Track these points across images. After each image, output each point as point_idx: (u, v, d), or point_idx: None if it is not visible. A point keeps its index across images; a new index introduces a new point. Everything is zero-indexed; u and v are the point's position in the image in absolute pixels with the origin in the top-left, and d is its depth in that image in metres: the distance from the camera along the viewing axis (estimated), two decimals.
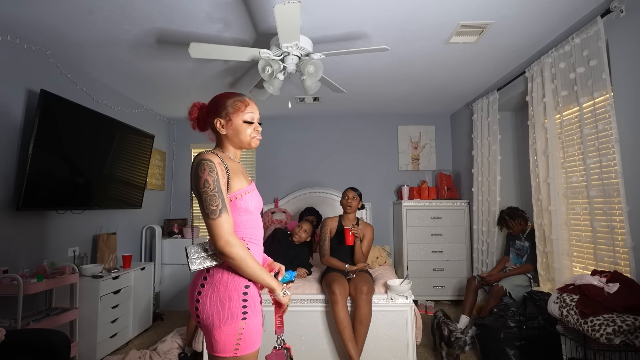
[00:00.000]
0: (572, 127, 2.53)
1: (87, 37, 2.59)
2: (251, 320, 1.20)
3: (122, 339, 3.07)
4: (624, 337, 1.72)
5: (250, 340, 1.20)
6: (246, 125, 1.31)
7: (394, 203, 4.75)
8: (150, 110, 4.41)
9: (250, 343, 1.20)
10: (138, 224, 4.14)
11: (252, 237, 1.31)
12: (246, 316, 1.19)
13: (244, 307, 1.19)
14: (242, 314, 1.18)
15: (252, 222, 1.30)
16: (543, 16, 2.39)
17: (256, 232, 1.33)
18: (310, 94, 2.76)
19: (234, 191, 1.25)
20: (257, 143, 1.36)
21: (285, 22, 2.03)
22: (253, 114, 1.32)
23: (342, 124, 4.91)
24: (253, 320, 1.21)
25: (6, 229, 2.46)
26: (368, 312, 2.43)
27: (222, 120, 1.30)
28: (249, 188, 1.31)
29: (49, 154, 2.64)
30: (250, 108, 1.32)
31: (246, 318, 1.19)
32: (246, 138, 1.32)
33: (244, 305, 1.19)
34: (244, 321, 1.18)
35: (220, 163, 1.23)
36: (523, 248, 3.13)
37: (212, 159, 1.22)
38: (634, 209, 2.02)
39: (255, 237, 1.32)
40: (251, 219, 1.30)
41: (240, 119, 1.30)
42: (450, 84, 3.66)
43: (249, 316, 1.19)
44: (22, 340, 1.84)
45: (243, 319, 1.18)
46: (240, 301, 1.19)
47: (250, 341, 1.20)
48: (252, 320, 1.20)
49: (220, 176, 1.20)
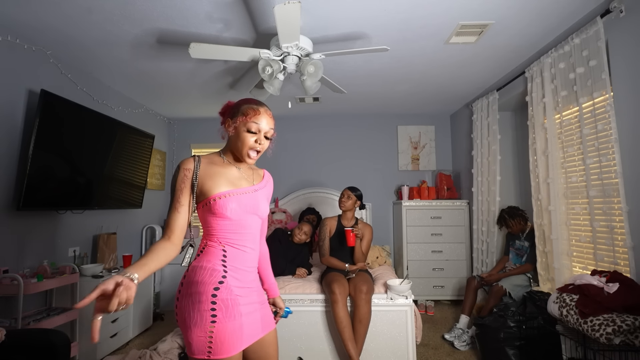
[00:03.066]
0: (572, 127, 2.54)
1: (88, 37, 2.59)
2: (222, 324, 1.14)
3: (122, 339, 3.07)
4: (624, 337, 1.72)
5: (225, 345, 1.14)
6: (249, 134, 1.27)
7: (394, 203, 4.75)
8: (151, 110, 4.41)
9: (225, 347, 1.14)
10: (138, 224, 4.15)
11: (233, 241, 1.27)
12: (215, 319, 1.14)
13: (212, 310, 1.15)
14: (211, 316, 1.14)
15: (231, 227, 1.26)
16: (543, 16, 2.40)
17: (238, 237, 1.27)
18: (310, 94, 2.76)
19: (206, 195, 1.25)
20: (251, 158, 1.30)
21: (285, 22, 2.03)
22: (258, 125, 1.27)
23: (342, 124, 4.92)
24: (225, 325, 1.14)
25: (7, 229, 2.46)
26: (368, 311, 2.43)
27: (230, 121, 1.30)
28: (230, 192, 1.25)
29: (50, 154, 2.65)
30: (257, 118, 1.27)
31: (215, 322, 1.14)
32: (244, 147, 1.28)
33: (213, 308, 1.15)
34: (213, 324, 1.13)
35: (190, 169, 1.26)
36: (522, 248, 3.13)
37: (184, 163, 1.28)
38: (633, 208, 2.02)
39: (236, 242, 1.27)
40: (230, 223, 1.26)
41: (245, 126, 1.27)
42: (450, 84, 3.66)
43: (218, 319, 1.14)
44: (23, 340, 1.84)
45: (212, 322, 1.14)
46: (209, 303, 1.15)
47: (225, 345, 1.14)
48: (223, 324, 1.14)
49: (180, 180, 1.25)
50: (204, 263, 1.23)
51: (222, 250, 1.25)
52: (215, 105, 4.27)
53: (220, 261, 1.23)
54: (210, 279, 1.19)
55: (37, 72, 2.70)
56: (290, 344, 2.56)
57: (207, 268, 1.21)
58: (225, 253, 1.25)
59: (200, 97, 3.98)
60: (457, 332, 3.05)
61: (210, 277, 1.20)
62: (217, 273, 1.21)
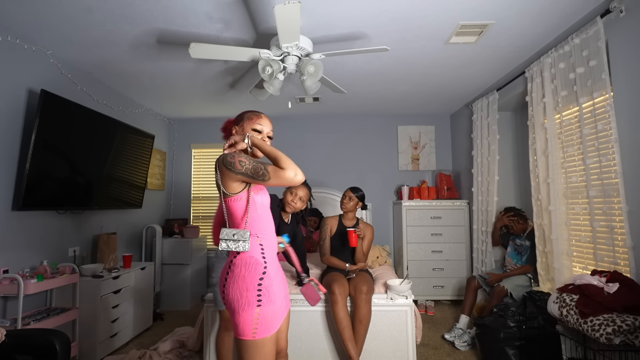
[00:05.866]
0: (572, 127, 2.54)
1: (88, 37, 2.59)
2: (265, 307, 1.37)
3: (122, 339, 3.07)
4: (624, 337, 1.72)
5: (267, 325, 1.37)
6: (255, 133, 1.54)
7: (394, 203, 4.75)
8: (150, 110, 4.41)
9: (267, 327, 1.37)
10: (138, 224, 4.15)
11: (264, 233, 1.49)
12: (260, 304, 1.37)
13: (258, 297, 1.37)
14: (257, 302, 1.37)
15: (262, 220, 1.49)
16: (543, 16, 2.40)
17: (268, 228, 1.52)
18: (310, 94, 2.76)
19: (252, 187, 1.47)
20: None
21: (285, 22, 2.03)
22: (262, 126, 1.56)
23: (342, 124, 4.92)
24: (267, 308, 1.38)
25: (6, 229, 2.46)
26: (368, 312, 2.43)
27: (237, 127, 1.57)
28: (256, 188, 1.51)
29: (50, 154, 2.65)
30: (261, 121, 1.56)
31: (260, 305, 1.37)
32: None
33: (259, 294, 1.38)
34: (259, 308, 1.36)
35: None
36: (523, 246, 3.13)
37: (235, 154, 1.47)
38: (633, 208, 2.02)
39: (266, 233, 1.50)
40: (261, 216, 1.48)
41: (250, 127, 1.55)
42: (450, 84, 3.66)
43: (263, 304, 1.37)
44: (23, 340, 1.84)
45: (258, 306, 1.36)
46: (256, 291, 1.38)
47: (267, 326, 1.37)
48: (266, 307, 1.37)
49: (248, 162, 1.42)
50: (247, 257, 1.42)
51: (259, 244, 1.45)
52: (215, 105, 4.27)
53: (260, 253, 1.44)
54: (257, 272, 1.41)
55: (37, 72, 2.70)
56: (290, 344, 2.56)
57: (251, 261, 1.42)
58: (262, 245, 1.46)
59: (201, 97, 3.98)
60: (457, 332, 3.06)
61: (255, 269, 1.41)
62: (261, 265, 1.42)
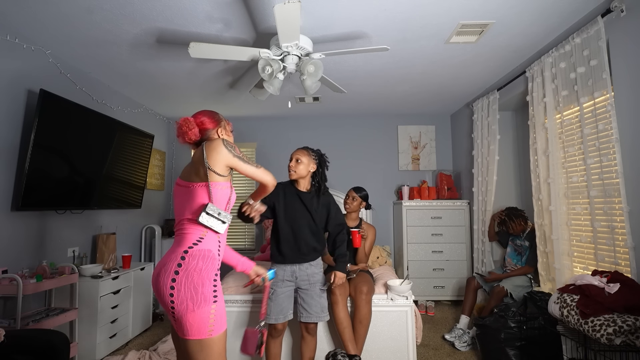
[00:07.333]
0: (573, 127, 2.53)
1: (88, 37, 2.59)
2: (220, 303, 1.37)
3: (121, 339, 3.06)
4: (625, 337, 1.71)
5: (221, 321, 1.37)
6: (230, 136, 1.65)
7: (394, 203, 4.74)
8: (150, 110, 4.41)
9: (221, 323, 1.37)
10: (138, 224, 4.14)
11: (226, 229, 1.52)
12: (216, 299, 1.36)
13: (214, 292, 1.37)
14: (213, 297, 1.35)
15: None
16: (543, 16, 2.39)
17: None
18: (310, 94, 2.76)
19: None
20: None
21: (285, 21, 2.03)
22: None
23: (342, 124, 4.91)
24: (221, 303, 1.38)
25: (6, 229, 2.45)
26: (368, 312, 2.42)
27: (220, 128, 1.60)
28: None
29: (49, 154, 2.64)
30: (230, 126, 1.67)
31: (216, 301, 1.36)
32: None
33: (214, 289, 1.37)
34: (215, 304, 1.35)
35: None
36: (522, 246, 3.13)
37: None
38: (634, 209, 2.02)
39: (226, 231, 1.53)
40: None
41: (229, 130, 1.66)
42: (451, 83, 3.66)
43: (218, 299, 1.37)
44: (22, 341, 1.83)
45: (214, 302, 1.35)
46: (211, 286, 1.36)
47: (221, 322, 1.37)
48: (220, 303, 1.38)
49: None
50: (205, 250, 1.41)
51: (217, 240, 1.46)
52: (215, 105, 4.26)
53: (217, 248, 1.45)
54: (213, 266, 1.40)
55: (37, 72, 2.70)
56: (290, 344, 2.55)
57: (209, 255, 1.41)
58: (220, 242, 1.47)
59: (200, 96, 3.97)
60: (457, 332, 3.05)
61: (212, 264, 1.40)
62: (216, 260, 1.43)
